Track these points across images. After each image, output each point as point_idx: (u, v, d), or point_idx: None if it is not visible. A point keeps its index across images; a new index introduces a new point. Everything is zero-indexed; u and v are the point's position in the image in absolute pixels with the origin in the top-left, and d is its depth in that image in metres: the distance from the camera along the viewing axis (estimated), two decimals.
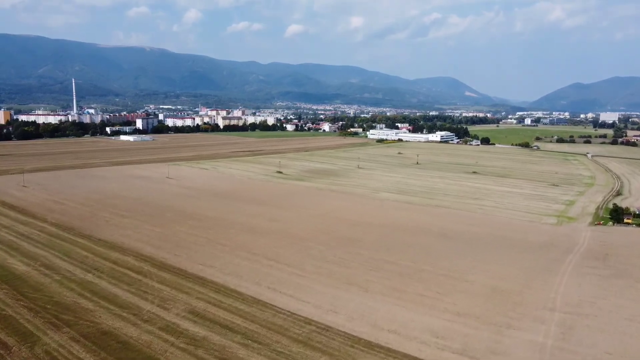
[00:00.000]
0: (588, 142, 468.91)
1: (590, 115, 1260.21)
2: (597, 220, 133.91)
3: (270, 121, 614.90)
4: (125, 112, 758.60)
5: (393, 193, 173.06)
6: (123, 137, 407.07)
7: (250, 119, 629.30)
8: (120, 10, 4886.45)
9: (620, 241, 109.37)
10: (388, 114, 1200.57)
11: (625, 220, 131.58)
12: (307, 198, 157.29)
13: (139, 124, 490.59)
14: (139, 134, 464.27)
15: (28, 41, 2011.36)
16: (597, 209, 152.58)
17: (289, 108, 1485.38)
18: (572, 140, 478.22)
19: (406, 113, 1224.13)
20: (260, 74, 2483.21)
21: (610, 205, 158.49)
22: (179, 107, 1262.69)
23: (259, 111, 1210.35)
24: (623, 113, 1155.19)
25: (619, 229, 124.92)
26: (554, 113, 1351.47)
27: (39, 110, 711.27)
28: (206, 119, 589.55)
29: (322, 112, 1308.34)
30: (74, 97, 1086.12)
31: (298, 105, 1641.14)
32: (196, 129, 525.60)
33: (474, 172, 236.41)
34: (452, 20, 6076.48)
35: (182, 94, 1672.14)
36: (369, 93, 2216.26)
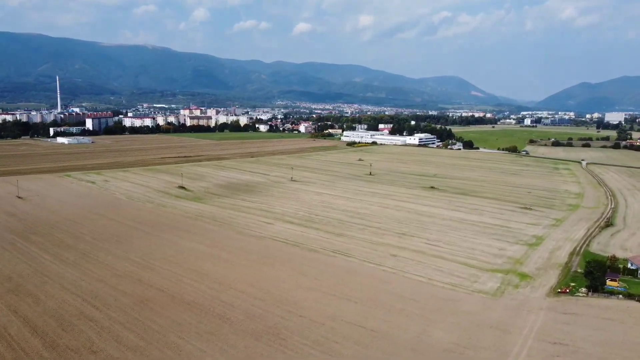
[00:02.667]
0: (587, 145, 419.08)
1: (595, 115, 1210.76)
2: (565, 283, 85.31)
3: (243, 121, 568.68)
4: (108, 112, 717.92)
5: (294, 223, 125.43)
6: (60, 139, 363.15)
7: (222, 119, 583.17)
8: (127, 8, 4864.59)
9: (589, 344, 60.96)
10: (387, 113, 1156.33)
11: (609, 283, 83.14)
12: (154, 236, 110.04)
13: (89, 124, 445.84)
14: (89, 134, 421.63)
15: (31, 39, 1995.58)
16: (572, 254, 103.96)
17: (287, 107, 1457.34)
18: (569, 144, 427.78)
19: (406, 113, 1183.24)
20: (264, 73, 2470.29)
21: (594, 246, 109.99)
22: (172, 106, 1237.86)
23: (254, 110, 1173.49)
24: (630, 113, 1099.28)
25: (595, 303, 76.43)
26: (559, 113, 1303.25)
27: None
28: (171, 119, 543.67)
29: (320, 111, 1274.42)
30: (58, 96, 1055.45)
31: (298, 104, 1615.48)
32: (156, 129, 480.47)
33: (432, 188, 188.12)
34: (461, 18, 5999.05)
35: (179, 93, 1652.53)
36: (372, 92, 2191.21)
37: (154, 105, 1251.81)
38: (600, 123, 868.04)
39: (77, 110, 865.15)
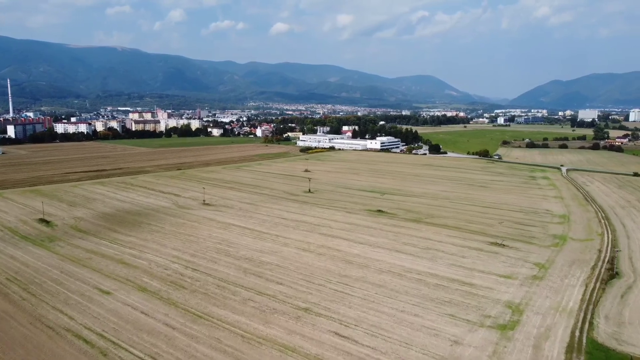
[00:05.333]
0: (564, 146, 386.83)
1: (568, 112, 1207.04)
2: None
3: (195, 125, 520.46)
4: (46, 116, 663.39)
5: (148, 291, 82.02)
6: None
7: (172, 123, 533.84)
8: (101, 9, 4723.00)
9: None
10: (360, 113, 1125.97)
11: None
12: None
13: (10, 131, 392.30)
14: (11, 143, 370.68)
15: None
16: (570, 350, 62.84)
17: (259, 108, 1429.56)
18: (545, 145, 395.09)
19: (379, 112, 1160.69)
20: (237, 74, 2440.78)
21: (601, 326, 69.39)
22: (138, 108, 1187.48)
23: (224, 112, 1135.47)
24: (602, 110, 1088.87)
25: None
26: (532, 110, 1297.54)
27: None
28: (113, 123, 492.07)
29: (292, 112, 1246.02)
30: (10, 99, 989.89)
31: (271, 105, 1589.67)
32: (93, 135, 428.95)
33: (379, 212, 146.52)
34: (439, 17, 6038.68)
35: (147, 95, 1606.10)
36: (346, 92, 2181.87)
37: (119, 108, 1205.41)
38: (574, 121, 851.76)
39: (31, 115, 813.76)
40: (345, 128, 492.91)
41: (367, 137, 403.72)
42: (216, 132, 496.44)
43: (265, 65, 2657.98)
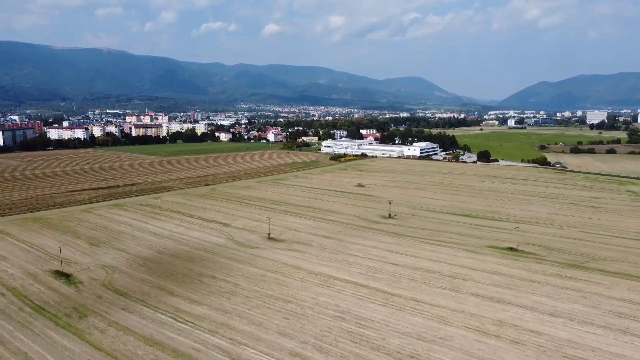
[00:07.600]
0: (612, 151, 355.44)
1: (567, 113, 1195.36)
2: None
3: (201, 129, 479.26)
4: (35, 120, 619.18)
5: None
6: None
7: (175, 127, 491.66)
8: (90, 10, 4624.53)
9: None
10: (356, 115, 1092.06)
11: None
12: None
13: None
14: None
15: None
16: None
17: (251, 111, 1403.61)
18: (590, 150, 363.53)
19: (375, 114, 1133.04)
20: (226, 76, 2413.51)
21: None
22: (127, 111, 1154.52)
23: (216, 115, 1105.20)
24: (609, 111, 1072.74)
25: None
26: (525, 112, 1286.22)
27: None
28: (112, 128, 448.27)
29: (287, 114, 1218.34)
30: None
31: (262, 107, 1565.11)
32: (90, 142, 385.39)
33: (512, 250, 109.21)
34: (430, 19, 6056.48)
35: (135, 98, 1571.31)
36: (337, 94, 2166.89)
37: (107, 111, 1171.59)
38: (583, 121, 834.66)
39: (16, 118, 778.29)
40: (364, 132, 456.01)
41: (397, 141, 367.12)
42: (224, 136, 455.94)
43: (254, 67, 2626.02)
